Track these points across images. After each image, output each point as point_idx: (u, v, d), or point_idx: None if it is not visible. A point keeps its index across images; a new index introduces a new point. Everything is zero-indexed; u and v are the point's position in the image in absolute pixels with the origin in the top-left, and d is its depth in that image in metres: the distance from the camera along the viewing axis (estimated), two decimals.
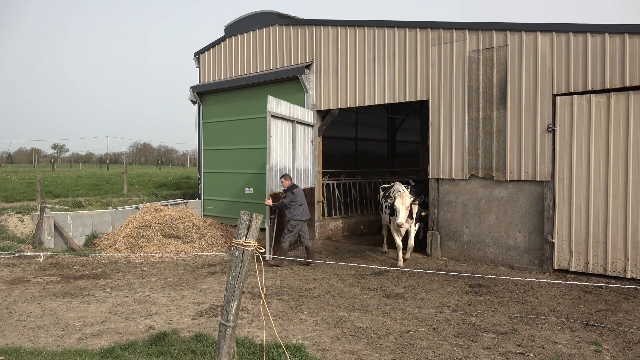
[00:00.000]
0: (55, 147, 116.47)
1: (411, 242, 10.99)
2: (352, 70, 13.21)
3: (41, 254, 11.10)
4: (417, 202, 10.56)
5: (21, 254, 11.01)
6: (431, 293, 8.45)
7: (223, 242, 13.03)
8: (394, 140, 22.21)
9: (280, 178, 11.08)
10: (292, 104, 12.68)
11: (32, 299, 7.80)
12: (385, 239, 12.54)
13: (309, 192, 13.19)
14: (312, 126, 13.91)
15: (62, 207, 13.58)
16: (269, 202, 10.99)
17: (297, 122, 12.89)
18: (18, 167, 66.72)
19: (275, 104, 11.58)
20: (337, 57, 13.50)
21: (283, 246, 10.70)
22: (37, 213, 12.49)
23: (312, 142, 13.96)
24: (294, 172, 12.61)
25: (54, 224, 12.38)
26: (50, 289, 8.55)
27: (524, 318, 7.03)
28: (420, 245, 12.50)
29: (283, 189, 10.99)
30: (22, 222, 12.84)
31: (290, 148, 12.51)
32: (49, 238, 12.23)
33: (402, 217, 10.12)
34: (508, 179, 10.53)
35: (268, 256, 10.92)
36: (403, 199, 10.15)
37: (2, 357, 5.28)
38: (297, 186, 11.00)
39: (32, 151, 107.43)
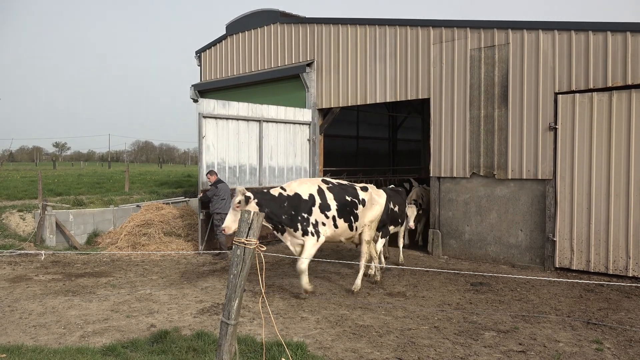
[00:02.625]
0: (56, 145, 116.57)
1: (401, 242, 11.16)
2: (353, 69, 13.20)
3: (43, 252, 11.12)
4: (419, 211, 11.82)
5: (23, 252, 11.03)
6: (432, 291, 8.45)
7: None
8: (395, 139, 22.20)
9: (207, 174, 11.65)
10: (265, 105, 13.23)
11: (34, 297, 7.81)
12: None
13: None
14: (308, 124, 13.97)
15: (63, 205, 13.60)
16: (199, 195, 11.85)
17: (273, 122, 13.26)
18: (20, 165, 66.81)
19: (214, 106, 12.09)
20: (339, 56, 13.49)
21: (220, 239, 11.27)
22: (39, 211, 12.50)
23: (308, 140, 14.02)
24: (261, 171, 13.02)
25: (56, 222, 12.39)
26: (52, 287, 8.56)
27: (526, 316, 7.03)
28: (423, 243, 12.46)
29: (210, 183, 11.55)
30: (23, 220, 12.85)
31: (256, 147, 12.91)
32: (51, 236, 12.25)
33: (412, 221, 11.10)
34: (509, 178, 10.52)
35: (200, 249, 11.72)
36: (412, 209, 11.10)
37: (4, 355, 5.29)
38: (222, 182, 11.54)
39: (33, 149, 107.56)
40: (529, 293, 8.35)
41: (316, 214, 8.02)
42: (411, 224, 11.04)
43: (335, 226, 8.16)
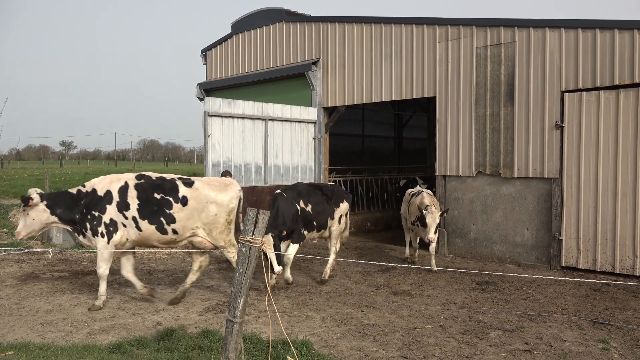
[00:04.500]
0: (63, 143, 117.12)
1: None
2: (359, 67, 13.19)
3: (50, 250, 11.18)
4: (444, 215, 10.17)
5: (30, 250, 11.10)
6: (438, 290, 8.44)
7: None
8: (400, 137, 22.15)
9: (221, 176, 11.15)
10: (270, 104, 13.19)
11: (41, 295, 7.86)
12: (407, 245, 11.29)
13: None
14: (313, 123, 13.99)
15: None
16: None
17: (279, 120, 13.23)
18: (27, 163, 67.17)
19: (220, 104, 12.05)
20: (344, 54, 13.48)
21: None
22: None
23: (314, 138, 14.04)
24: (266, 169, 12.99)
25: None
26: (59, 284, 8.61)
27: (531, 315, 7.01)
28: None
29: None
30: None
31: (262, 146, 12.90)
32: (58, 234, 12.31)
33: (432, 232, 9.47)
34: (515, 176, 10.48)
35: None
36: (434, 216, 9.48)
37: (12, 352, 5.33)
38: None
39: (40, 148, 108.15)
40: (535, 292, 8.32)
41: (112, 213, 7.16)
42: (431, 235, 9.37)
43: (139, 228, 7.21)
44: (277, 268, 7.77)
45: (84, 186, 7.38)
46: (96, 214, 7.16)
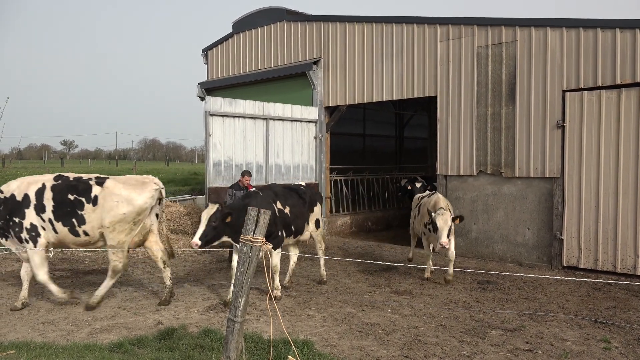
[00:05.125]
0: (64, 143, 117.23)
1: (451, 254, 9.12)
2: (360, 67, 13.18)
3: (51, 249, 11.18)
4: (457, 221, 8.74)
5: (31, 249, 11.09)
6: (439, 289, 8.44)
7: None
8: (401, 137, 22.14)
9: (242, 177, 10.44)
10: (271, 103, 13.19)
11: (42, 294, 7.87)
12: (412, 247, 10.69)
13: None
14: (314, 122, 13.99)
15: None
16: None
17: (280, 120, 13.23)
18: (28, 163, 67.25)
19: (221, 104, 12.04)
20: (345, 54, 13.47)
21: None
22: None
23: (315, 138, 14.04)
24: (267, 169, 12.99)
25: None
26: (60, 283, 8.61)
27: (533, 315, 7.00)
28: None
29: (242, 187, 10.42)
30: None
31: (263, 145, 12.91)
32: None
33: (444, 236, 8.26)
34: (517, 176, 10.47)
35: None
36: (445, 217, 8.37)
37: (13, 351, 5.33)
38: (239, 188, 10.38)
39: (41, 147, 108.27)
40: (536, 291, 8.32)
41: (31, 217, 6.97)
42: (444, 239, 8.11)
43: (55, 231, 7.03)
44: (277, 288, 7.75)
45: (1, 192, 7.11)
46: (17, 220, 6.97)
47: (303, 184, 9.30)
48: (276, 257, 7.81)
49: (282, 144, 13.36)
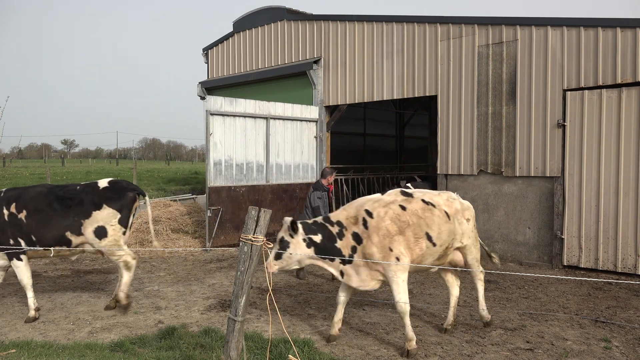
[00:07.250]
0: (65, 142, 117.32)
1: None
2: (360, 66, 13.18)
3: (51, 248, 11.19)
4: None
5: (32, 248, 11.11)
6: (439, 289, 8.44)
7: None
8: (402, 136, 22.16)
9: (325, 176, 9.48)
10: (272, 102, 13.17)
11: (43, 293, 7.87)
12: None
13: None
14: (315, 122, 13.99)
15: None
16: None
17: (280, 119, 13.23)
18: (29, 162, 67.29)
19: (221, 103, 12.02)
20: (346, 53, 13.46)
21: None
22: None
23: (315, 137, 14.05)
24: (268, 168, 13.01)
25: None
26: (60, 283, 8.63)
27: (533, 314, 7.00)
28: None
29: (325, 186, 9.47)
30: None
31: (264, 144, 12.91)
32: None
33: None
34: (517, 175, 10.47)
35: (207, 246, 11.56)
36: None
37: (14, 350, 5.34)
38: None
39: (42, 146, 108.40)
40: (537, 291, 8.31)
41: None
42: None
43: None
44: None
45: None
46: None
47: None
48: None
49: (282, 143, 13.36)
